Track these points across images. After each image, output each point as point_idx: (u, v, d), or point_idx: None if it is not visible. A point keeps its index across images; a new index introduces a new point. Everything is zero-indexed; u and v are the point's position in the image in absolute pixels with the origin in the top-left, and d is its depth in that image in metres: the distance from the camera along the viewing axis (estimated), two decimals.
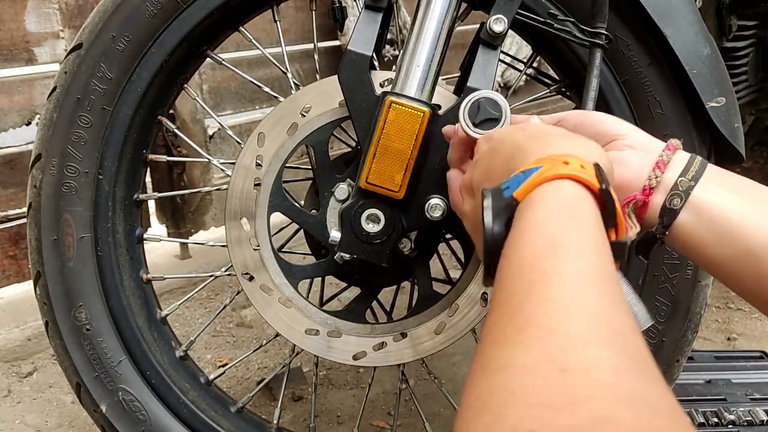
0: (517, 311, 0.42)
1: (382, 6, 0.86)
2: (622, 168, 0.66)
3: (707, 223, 0.64)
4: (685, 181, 0.65)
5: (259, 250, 0.97)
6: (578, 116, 0.72)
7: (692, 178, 0.65)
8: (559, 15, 0.91)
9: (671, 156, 0.66)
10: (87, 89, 0.97)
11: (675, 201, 0.64)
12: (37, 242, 0.99)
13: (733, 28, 1.44)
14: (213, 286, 1.93)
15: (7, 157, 1.65)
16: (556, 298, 0.41)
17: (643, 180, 0.66)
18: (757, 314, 1.76)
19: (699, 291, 0.97)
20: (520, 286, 0.44)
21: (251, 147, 0.95)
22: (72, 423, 1.39)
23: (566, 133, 0.61)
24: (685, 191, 0.64)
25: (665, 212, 0.65)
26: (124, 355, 1.01)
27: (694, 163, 0.66)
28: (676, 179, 0.65)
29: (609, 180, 0.52)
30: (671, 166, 0.66)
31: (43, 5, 1.64)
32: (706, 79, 0.89)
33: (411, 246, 0.91)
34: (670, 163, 0.66)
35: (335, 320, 0.98)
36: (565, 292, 0.42)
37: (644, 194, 0.65)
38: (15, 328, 1.74)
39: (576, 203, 0.49)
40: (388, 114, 0.81)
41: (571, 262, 0.44)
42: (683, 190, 0.65)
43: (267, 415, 1.22)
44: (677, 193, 0.65)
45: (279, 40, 1.07)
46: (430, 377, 1.11)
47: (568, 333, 0.38)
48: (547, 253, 0.45)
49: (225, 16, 1.00)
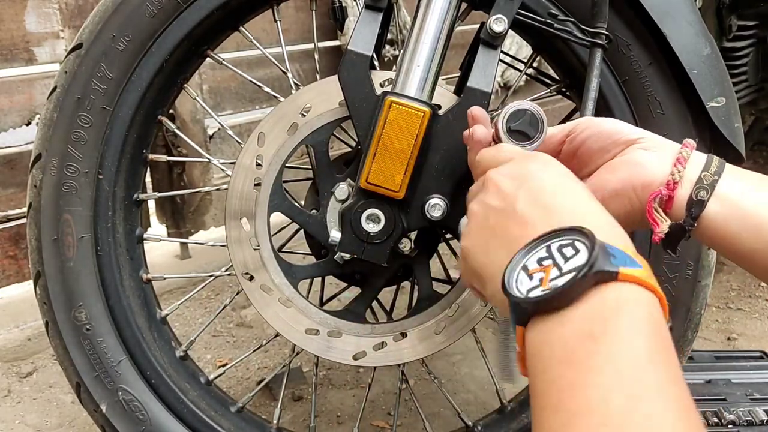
0: None
1: (382, 6, 0.86)
2: (642, 169, 0.67)
3: (737, 216, 0.65)
4: (708, 175, 0.66)
5: (259, 249, 0.97)
6: (589, 127, 0.72)
7: (714, 173, 0.66)
8: (559, 15, 0.91)
9: (690, 153, 0.67)
10: (87, 89, 0.97)
11: (701, 193, 0.65)
12: (37, 242, 0.99)
13: (733, 28, 1.44)
14: (213, 286, 1.93)
15: (7, 157, 1.65)
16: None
17: (664, 178, 0.67)
18: (757, 314, 1.76)
19: (699, 291, 0.97)
20: None
21: (251, 147, 0.95)
22: (72, 423, 1.39)
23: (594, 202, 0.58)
24: (710, 185, 0.65)
25: (693, 204, 0.66)
26: (124, 355, 1.01)
27: (714, 161, 0.67)
28: (699, 174, 0.66)
29: None
30: (691, 163, 0.67)
31: (43, 5, 1.64)
32: (706, 79, 0.89)
33: (411, 246, 0.91)
34: (689, 160, 0.67)
35: (335, 320, 0.98)
36: None
37: (669, 189, 0.66)
38: (15, 328, 1.74)
39: (661, 326, 0.47)
40: (388, 114, 0.81)
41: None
42: (708, 184, 0.65)
43: (267, 415, 1.22)
44: (702, 186, 0.66)
45: (279, 40, 1.07)
46: (430, 377, 1.11)
47: None
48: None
49: (225, 16, 1.00)
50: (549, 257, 0.50)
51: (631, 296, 0.47)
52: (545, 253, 0.51)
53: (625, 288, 0.47)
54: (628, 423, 0.41)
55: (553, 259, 0.50)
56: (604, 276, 0.47)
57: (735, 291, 1.86)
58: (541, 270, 0.50)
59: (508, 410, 1.06)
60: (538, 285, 0.49)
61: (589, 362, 0.45)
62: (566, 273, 0.48)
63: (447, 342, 0.97)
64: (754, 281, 1.90)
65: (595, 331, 0.45)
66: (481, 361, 1.52)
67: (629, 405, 0.42)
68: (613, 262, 0.47)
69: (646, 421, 0.41)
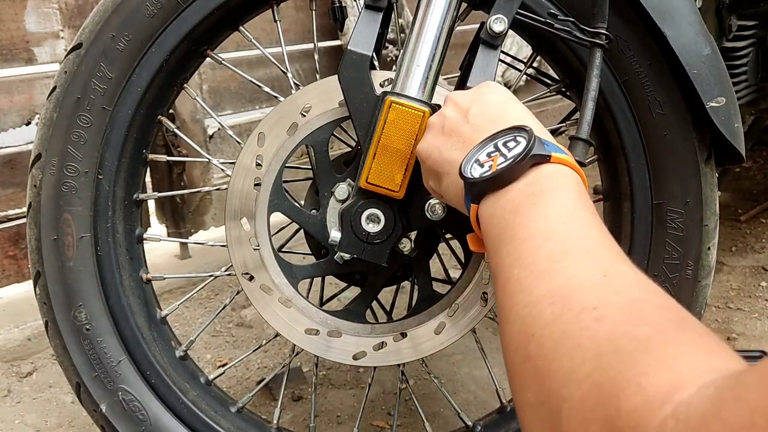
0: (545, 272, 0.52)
1: (382, 6, 0.86)
2: None
3: None
4: None
5: (259, 249, 0.97)
6: None
7: None
8: (559, 15, 0.91)
9: None
10: (87, 89, 0.97)
11: None
12: (37, 242, 0.99)
13: (733, 28, 1.44)
14: (213, 286, 1.93)
15: (6, 157, 1.65)
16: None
17: None
18: (757, 314, 1.76)
19: (699, 291, 0.97)
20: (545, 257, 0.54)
21: (251, 147, 0.95)
22: (72, 423, 1.39)
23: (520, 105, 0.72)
24: None
25: None
26: (124, 354, 1.01)
27: None
28: None
29: None
30: None
31: (43, 5, 1.64)
32: (706, 79, 0.89)
33: (411, 246, 0.91)
34: None
35: (335, 320, 0.98)
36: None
37: None
38: (15, 328, 1.74)
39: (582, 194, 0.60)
40: (388, 114, 0.81)
41: None
42: None
43: (267, 415, 1.22)
44: None
45: (279, 40, 1.07)
46: (430, 377, 1.11)
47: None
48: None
49: (225, 16, 1.00)
50: (496, 150, 0.63)
51: (562, 172, 0.60)
52: (493, 148, 0.64)
53: (556, 167, 0.61)
54: (568, 239, 0.54)
55: (499, 151, 0.63)
56: (539, 158, 0.60)
57: (735, 291, 1.86)
58: (490, 160, 0.63)
59: (508, 410, 1.06)
60: (488, 171, 0.62)
61: (534, 208, 0.57)
62: (510, 159, 0.61)
63: (447, 342, 0.97)
64: (754, 281, 1.90)
65: (536, 191, 0.59)
66: (481, 361, 1.52)
67: (567, 228, 0.55)
68: (546, 148, 0.61)
69: (581, 240, 0.54)
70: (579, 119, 0.81)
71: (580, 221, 0.56)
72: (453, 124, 0.72)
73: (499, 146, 0.63)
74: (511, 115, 0.69)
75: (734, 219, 2.23)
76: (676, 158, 0.93)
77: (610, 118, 0.94)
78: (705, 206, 0.94)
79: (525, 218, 0.57)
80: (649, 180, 0.94)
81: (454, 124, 0.72)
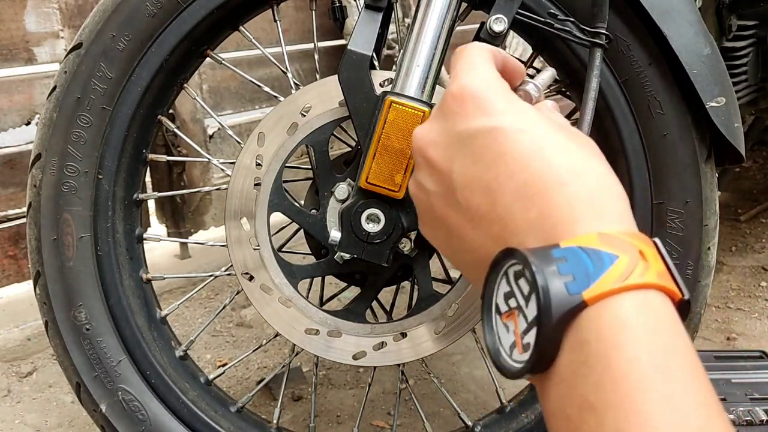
0: None
1: (382, 6, 0.86)
2: None
3: None
4: None
5: (259, 249, 0.97)
6: None
7: None
8: (559, 15, 0.91)
9: None
10: (87, 89, 0.97)
11: None
12: (37, 242, 0.99)
13: (733, 28, 1.44)
14: (213, 285, 1.93)
15: (6, 157, 1.65)
16: None
17: None
18: (757, 314, 1.76)
19: (699, 291, 0.97)
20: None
21: (251, 147, 0.95)
22: (72, 423, 1.39)
23: (606, 169, 0.46)
24: None
25: None
26: (124, 354, 1.01)
27: None
28: None
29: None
30: None
31: (42, 5, 1.64)
32: (706, 79, 0.89)
33: (411, 246, 0.91)
34: None
35: (335, 320, 0.98)
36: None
37: None
38: (15, 327, 1.74)
39: (675, 334, 0.38)
40: (388, 114, 0.80)
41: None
42: None
43: (267, 415, 1.22)
44: None
45: (279, 40, 1.07)
46: (430, 377, 1.11)
47: None
48: None
49: (225, 16, 1.00)
50: (511, 293, 0.42)
51: (615, 321, 0.36)
52: (507, 286, 0.42)
53: (601, 313, 0.37)
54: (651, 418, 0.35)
55: (515, 297, 0.41)
56: (569, 315, 0.37)
57: (735, 291, 1.86)
58: (510, 317, 0.42)
59: (508, 410, 1.06)
60: (513, 343, 0.41)
61: (597, 391, 0.36)
62: (531, 325, 0.39)
63: (447, 342, 0.97)
64: (754, 281, 1.90)
65: (591, 399, 0.36)
66: (481, 361, 1.52)
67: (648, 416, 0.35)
68: (569, 287, 0.37)
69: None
70: (579, 119, 0.81)
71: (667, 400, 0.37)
72: (430, 206, 0.50)
73: (512, 283, 0.42)
74: (526, 176, 0.43)
75: (734, 219, 2.23)
76: (676, 158, 0.93)
77: (610, 118, 0.94)
78: (705, 206, 0.94)
79: (591, 414, 0.37)
80: (649, 180, 0.94)
81: (434, 206, 0.49)
